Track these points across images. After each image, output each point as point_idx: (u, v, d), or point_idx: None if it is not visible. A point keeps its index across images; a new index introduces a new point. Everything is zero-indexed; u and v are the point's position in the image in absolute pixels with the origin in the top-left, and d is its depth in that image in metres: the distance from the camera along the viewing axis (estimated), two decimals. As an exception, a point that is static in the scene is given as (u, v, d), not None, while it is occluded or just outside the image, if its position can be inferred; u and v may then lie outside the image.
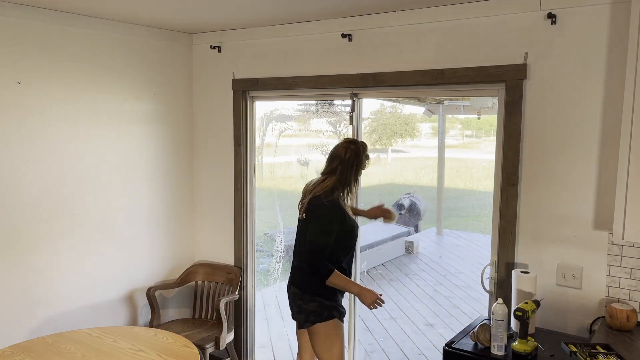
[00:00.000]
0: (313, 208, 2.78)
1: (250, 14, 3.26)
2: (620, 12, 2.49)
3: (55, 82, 3.25)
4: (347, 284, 2.76)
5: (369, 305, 2.75)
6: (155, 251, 3.92)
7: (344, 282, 2.74)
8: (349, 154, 2.78)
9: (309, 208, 2.80)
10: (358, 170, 2.81)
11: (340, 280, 2.73)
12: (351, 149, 2.79)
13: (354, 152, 2.79)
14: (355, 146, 2.81)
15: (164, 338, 2.88)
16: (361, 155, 2.81)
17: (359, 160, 2.80)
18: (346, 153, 2.78)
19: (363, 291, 2.75)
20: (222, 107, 3.94)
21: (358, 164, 2.80)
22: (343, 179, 2.77)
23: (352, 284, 2.78)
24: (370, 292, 2.75)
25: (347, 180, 2.78)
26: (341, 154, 2.78)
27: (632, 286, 2.56)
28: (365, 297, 2.74)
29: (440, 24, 2.99)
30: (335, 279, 2.71)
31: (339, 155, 2.79)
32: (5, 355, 2.62)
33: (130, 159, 3.70)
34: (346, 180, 2.78)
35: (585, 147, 2.63)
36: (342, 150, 2.79)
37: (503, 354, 2.39)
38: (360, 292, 2.75)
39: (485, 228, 10.54)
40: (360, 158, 2.80)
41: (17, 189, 3.12)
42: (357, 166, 2.80)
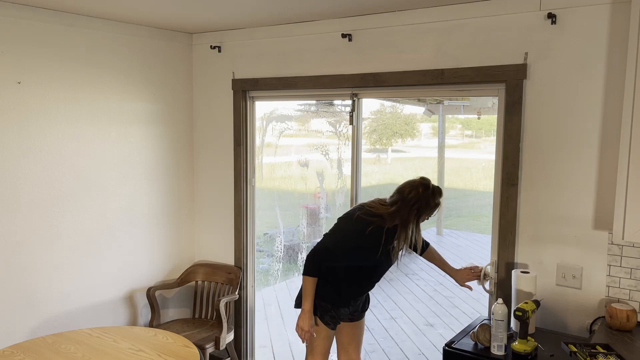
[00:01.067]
0: (346, 215, 2.77)
1: (250, 14, 3.26)
2: (620, 12, 2.49)
3: (55, 82, 3.25)
4: (308, 295, 2.73)
5: (297, 326, 2.76)
6: (155, 251, 3.92)
7: (307, 292, 2.72)
8: (413, 195, 2.59)
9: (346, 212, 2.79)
10: (419, 215, 2.62)
11: (307, 288, 2.71)
12: (417, 192, 2.60)
13: (419, 196, 2.59)
14: (423, 190, 2.61)
15: (164, 338, 2.88)
16: (429, 201, 2.61)
17: (423, 206, 2.60)
18: (410, 192, 2.60)
19: (304, 313, 2.73)
20: (222, 107, 3.94)
21: (420, 208, 2.60)
22: (401, 219, 2.61)
23: (308, 300, 2.72)
24: (307, 319, 2.72)
25: (404, 222, 2.61)
26: (405, 192, 2.61)
27: (632, 286, 2.56)
28: (300, 318, 2.74)
29: (440, 24, 2.99)
30: (306, 283, 2.71)
31: (402, 193, 2.62)
32: (5, 355, 2.62)
33: (130, 158, 3.70)
34: (403, 222, 2.61)
35: (585, 147, 2.63)
36: (408, 188, 2.62)
37: (503, 354, 2.39)
38: (304, 311, 2.73)
39: (485, 228, 10.54)
40: (424, 203, 2.60)
41: (17, 189, 3.12)
42: (418, 210, 2.60)
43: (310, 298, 2.72)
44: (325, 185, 7.99)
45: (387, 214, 2.63)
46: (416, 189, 2.61)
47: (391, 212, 2.62)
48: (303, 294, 2.75)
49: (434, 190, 2.64)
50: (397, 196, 2.65)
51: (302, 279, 2.75)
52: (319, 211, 8.08)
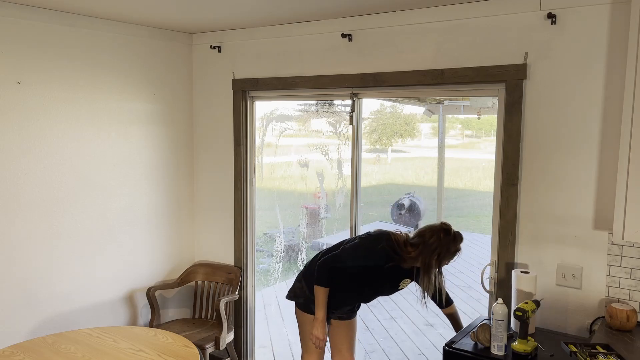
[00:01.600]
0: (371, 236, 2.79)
1: (250, 14, 3.26)
2: (620, 12, 2.49)
3: (55, 82, 3.25)
4: (321, 305, 2.76)
5: (311, 334, 2.80)
6: (155, 251, 3.92)
7: (320, 302, 2.75)
8: (434, 240, 2.59)
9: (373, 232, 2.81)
10: (440, 260, 2.61)
11: (320, 298, 2.75)
12: (438, 237, 2.59)
13: (440, 241, 2.58)
14: (444, 235, 2.60)
15: (164, 338, 2.88)
16: (449, 247, 2.60)
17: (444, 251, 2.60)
18: (431, 238, 2.60)
19: (318, 322, 2.77)
20: (222, 107, 3.94)
21: (440, 254, 2.60)
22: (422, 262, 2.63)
23: (321, 309, 2.76)
24: (320, 328, 2.77)
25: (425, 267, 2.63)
26: (426, 236, 2.62)
27: (632, 286, 2.56)
28: (314, 327, 2.78)
29: (440, 24, 2.98)
30: (319, 292, 2.75)
31: (424, 236, 2.62)
32: (5, 355, 2.62)
33: (130, 158, 3.70)
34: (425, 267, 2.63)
35: (585, 147, 2.63)
36: (429, 233, 2.62)
37: (503, 354, 2.39)
38: (317, 319, 2.77)
39: (485, 228, 10.54)
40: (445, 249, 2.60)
41: (17, 189, 3.11)
42: (439, 255, 2.60)
43: (323, 307, 2.76)
44: (325, 185, 7.99)
45: (408, 257, 2.66)
46: (437, 234, 2.61)
47: (412, 256, 2.65)
48: (316, 303, 2.78)
49: (455, 236, 2.64)
50: (417, 239, 2.65)
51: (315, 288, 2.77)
52: (319, 211, 8.08)
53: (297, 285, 2.94)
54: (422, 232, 2.66)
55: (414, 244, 2.65)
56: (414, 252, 2.64)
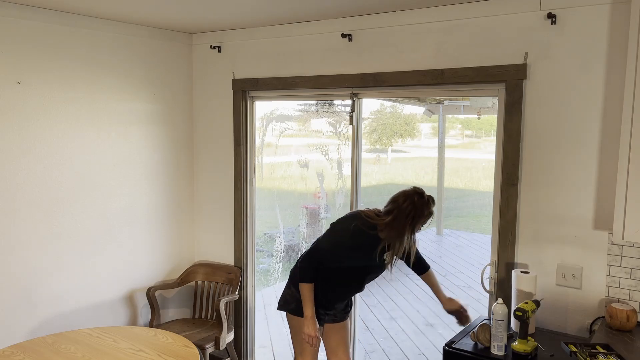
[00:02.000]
0: (341, 220, 2.78)
1: (250, 14, 3.26)
2: (620, 12, 2.49)
3: (55, 82, 3.25)
4: (308, 302, 2.75)
5: (303, 333, 2.78)
6: (155, 251, 3.93)
7: (307, 298, 2.75)
8: (407, 205, 2.58)
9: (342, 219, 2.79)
10: (414, 224, 2.61)
11: (306, 295, 2.74)
12: (412, 201, 2.59)
13: (414, 204, 2.58)
14: (418, 199, 2.60)
15: (164, 338, 2.88)
16: (423, 210, 2.60)
17: (417, 214, 2.59)
18: (404, 202, 2.59)
19: (308, 319, 2.75)
20: (222, 107, 3.94)
21: (415, 217, 2.59)
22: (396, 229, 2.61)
23: (309, 306, 2.75)
24: (311, 326, 2.75)
25: (399, 231, 2.61)
26: (399, 201, 2.61)
27: (632, 286, 2.56)
28: (305, 325, 2.76)
29: (440, 24, 2.99)
30: (305, 289, 2.74)
31: (396, 203, 2.62)
32: (5, 355, 2.62)
33: (130, 158, 3.70)
34: (398, 231, 2.61)
35: (585, 147, 2.63)
36: (402, 197, 2.61)
37: (503, 354, 2.39)
38: (307, 317, 2.75)
39: (485, 228, 10.54)
40: (419, 212, 2.59)
41: (17, 189, 3.12)
42: (413, 219, 2.59)
43: (311, 303, 2.75)
44: (325, 186, 7.99)
45: (383, 224, 2.64)
46: (411, 197, 2.61)
47: (387, 222, 2.63)
48: (302, 300, 2.76)
49: (428, 199, 2.64)
50: (391, 205, 2.65)
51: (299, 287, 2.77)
52: (319, 211, 8.08)
53: (287, 292, 2.91)
54: (395, 198, 2.66)
55: (388, 210, 2.65)
56: (389, 218, 2.62)
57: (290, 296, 2.89)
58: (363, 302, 6.01)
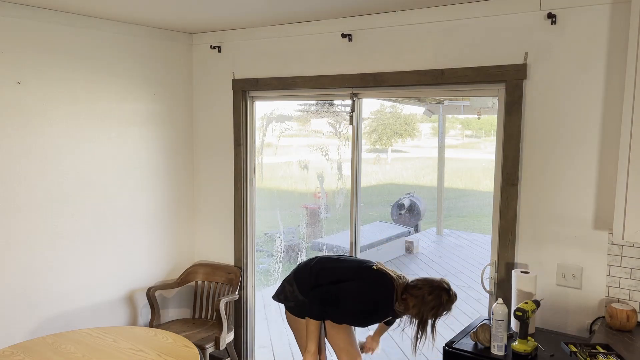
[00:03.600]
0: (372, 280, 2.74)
1: (250, 14, 3.26)
2: (620, 12, 2.49)
3: (55, 82, 3.25)
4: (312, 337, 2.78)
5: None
6: (155, 251, 3.92)
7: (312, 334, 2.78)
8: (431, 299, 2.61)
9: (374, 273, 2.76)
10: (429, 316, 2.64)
11: (312, 330, 2.77)
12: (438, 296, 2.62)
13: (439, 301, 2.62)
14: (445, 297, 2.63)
15: (164, 338, 2.88)
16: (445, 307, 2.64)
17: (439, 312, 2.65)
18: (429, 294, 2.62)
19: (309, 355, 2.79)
20: (222, 107, 3.94)
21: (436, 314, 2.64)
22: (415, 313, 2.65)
23: (313, 341, 2.78)
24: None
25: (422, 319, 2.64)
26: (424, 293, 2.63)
27: (632, 286, 2.56)
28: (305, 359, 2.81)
29: (440, 24, 2.99)
30: (311, 325, 2.77)
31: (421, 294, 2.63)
32: (5, 355, 2.62)
33: (130, 158, 3.70)
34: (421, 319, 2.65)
35: (585, 147, 2.63)
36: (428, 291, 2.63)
37: (503, 354, 2.39)
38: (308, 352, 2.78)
39: (485, 228, 10.54)
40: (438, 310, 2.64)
41: (17, 189, 3.11)
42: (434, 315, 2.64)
43: (315, 340, 2.78)
44: (325, 186, 8.00)
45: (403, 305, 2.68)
46: (437, 292, 2.63)
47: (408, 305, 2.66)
48: (308, 335, 2.78)
49: (451, 296, 2.66)
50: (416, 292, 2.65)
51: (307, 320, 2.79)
52: (319, 211, 8.09)
53: (288, 289, 2.90)
54: (421, 285, 2.66)
55: (413, 295, 2.65)
56: (411, 302, 2.65)
57: (290, 293, 2.89)
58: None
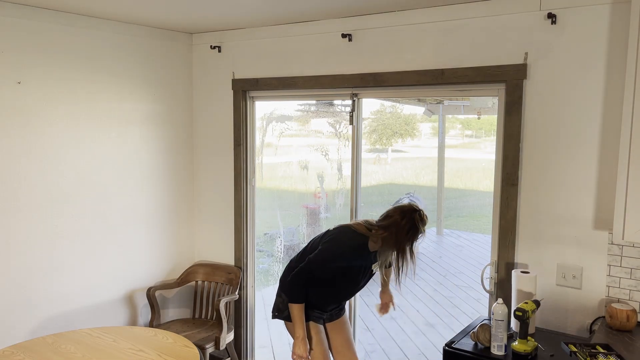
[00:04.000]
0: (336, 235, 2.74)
1: (250, 14, 3.26)
2: (620, 12, 2.49)
3: (55, 82, 3.25)
4: (299, 323, 2.73)
5: (293, 356, 2.77)
6: (155, 251, 3.92)
7: (297, 319, 2.73)
8: (406, 222, 2.60)
9: (335, 231, 2.77)
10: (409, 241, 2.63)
11: (298, 315, 2.72)
12: (411, 218, 2.61)
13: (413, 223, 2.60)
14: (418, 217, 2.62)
15: (164, 338, 2.88)
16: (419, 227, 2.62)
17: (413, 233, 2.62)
18: (402, 219, 2.61)
19: (299, 340, 2.74)
20: (222, 107, 3.94)
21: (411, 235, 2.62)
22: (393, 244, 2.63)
23: (299, 327, 2.74)
24: (302, 346, 2.73)
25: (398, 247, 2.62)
26: (397, 218, 2.62)
27: (632, 286, 2.56)
28: (295, 345, 2.76)
29: (440, 24, 2.99)
30: (295, 310, 2.72)
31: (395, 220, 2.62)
32: (5, 355, 2.62)
33: (130, 158, 3.70)
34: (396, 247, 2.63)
35: (585, 147, 2.63)
36: (399, 215, 2.62)
37: (503, 354, 2.39)
38: (298, 338, 2.74)
39: (485, 228, 10.54)
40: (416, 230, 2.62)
41: (17, 189, 3.11)
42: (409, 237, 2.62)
43: (302, 324, 2.74)
44: (325, 186, 7.99)
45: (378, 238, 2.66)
46: (408, 215, 2.62)
47: (384, 237, 2.65)
48: (293, 321, 2.74)
49: (422, 216, 2.65)
50: (387, 222, 2.65)
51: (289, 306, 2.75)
52: (319, 211, 8.08)
53: (279, 300, 2.88)
54: (392, 213, 2.66)
55: (384, 226, 2.65)
56: (385, 233, 2.64)
57: (282, 304, 2.85)
58: (363, 302, 6.00)
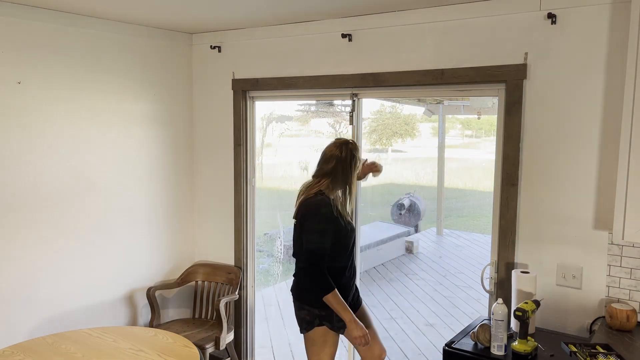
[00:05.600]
0: (304, 211, 2.73)
1: (250, 14, 3.26)
2: (620, 12, 2.49)
3: (55, 82, 3.25)
4: (342, 308, 2.65)
5: (354, 339, 2.68)
6: (155, 251, 3.92)
7: (340, 305, 2.65)
8: (346, 153, 2.73)
9: (300, 212, 2.76)
10: (355, 169, 2.77)
11: (337, 301, 2.64)
12: (348, 148, 2.74)
13: (351, 152, 2.74)
14: (352, 145, 2.77)
15: (164, 338, 2.88)
16: (356, 155, 2.77)
17: (356, 160, 2.76)
18: (342, 152, 2.73)
19: (353, 323, 2.66)
20: (222, 107, 3.94)
21: (355, 163, 2.76)
22: (343, 179, 2.73)
23: (346, 310, 2.66)
24: (359, 327, 2.66)
25: (347, 180, 2.74)
26: (337, 153, 2.73)
27: (632, 286, 2.56)
28: (352, 330, 2.66)
29: (440, 24, 2.99)
30: (333, 298, 2.62)
31: (336, 155, 2.73)
32: (5, 355, 2.62)
33: (130, 158, 3.70)
34: (346, 180, 2.74)
35: (585, 147, 2.63)
36: (337, 150, 2.74)
37: (503, 354, 2.39)
38: (350, 322, 2.66)
39: (485, 228, 10.54)
40: (356, 157, 2.76)
41: (17, 189, 3.11)
42: (354, 165, 2.75)
43: (345, 308, 2.65)
44: (325, 186, 7.97)
45: (334, 183, 2.72)
46: (343, 147, 2.74)
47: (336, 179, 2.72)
48: (337, 309, 2.64)
49: (355, 144, 2.79)
50: (331, 163, 2.73)
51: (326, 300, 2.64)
52: (319, 211, 8.07)
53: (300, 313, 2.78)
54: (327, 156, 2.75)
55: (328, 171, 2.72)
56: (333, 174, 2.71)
57: (311, 315, 2.74)
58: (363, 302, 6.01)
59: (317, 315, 2.72)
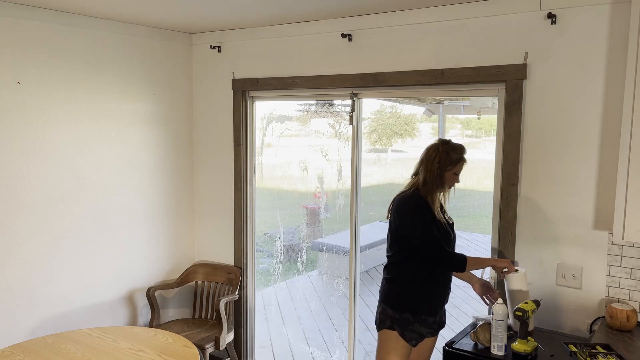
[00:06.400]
0: (396, 207, 2.63)
1: (250, 14, 3.26)
2: (620, 12, 2.49)
3: (55, 82, 3.25)
4: (480, 263, 2.62)
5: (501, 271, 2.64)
6: (155, 251, 3.92)
7: (477, 262, 2.59)
8: (432, 153, 2.59)
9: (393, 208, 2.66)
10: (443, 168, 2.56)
11: (474, 262, 2.57)
12: (437, 148, 2.59)
13: (439, 152, 2.57)
14: (442, 145, 2.60)
15: (164, 338, 2.88)
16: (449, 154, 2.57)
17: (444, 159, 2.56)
18: (428, 152, 2.62)
19: (493, 261, 2.63)
20: (222, 107, 3.94)
21: (441, 161, 2.56)
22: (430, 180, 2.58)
23: (484, 262, 2.63)
24: (499, 260, 2.62)
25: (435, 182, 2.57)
26: (424, 154, 2.63)
27: (632, 286, 2.56)
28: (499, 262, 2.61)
29: (440, 24, 2.98)
30: (469, 262, 2.55)
31: (422, 155, 2.64)
32: (5, 355, 2.62)
33: (130, 158, 3.70)
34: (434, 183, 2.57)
35: (585, 147, 2.63)
36: (425, 151, 2.64)
37: (503, 354, 2.39)
38: (490, 261, 2.63)
39: (485, 228, 10.53)
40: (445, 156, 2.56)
41: (17, 189, 3.11)
42: (440, 164, 2.56)
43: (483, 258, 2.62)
44: (325, 186, 7.99)
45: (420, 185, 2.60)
46: (435, 146, 2.61)
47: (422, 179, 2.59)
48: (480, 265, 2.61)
49: (453, 145, 2.61)
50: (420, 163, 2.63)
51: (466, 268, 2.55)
52: (319, 211, 8.08)
53: (380, 312, 2.69)
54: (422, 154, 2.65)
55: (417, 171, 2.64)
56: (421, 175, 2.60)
57: (383, 315, 2.66)
58: (363, 302, 6.00)
59: (389, 317, 2.62)
